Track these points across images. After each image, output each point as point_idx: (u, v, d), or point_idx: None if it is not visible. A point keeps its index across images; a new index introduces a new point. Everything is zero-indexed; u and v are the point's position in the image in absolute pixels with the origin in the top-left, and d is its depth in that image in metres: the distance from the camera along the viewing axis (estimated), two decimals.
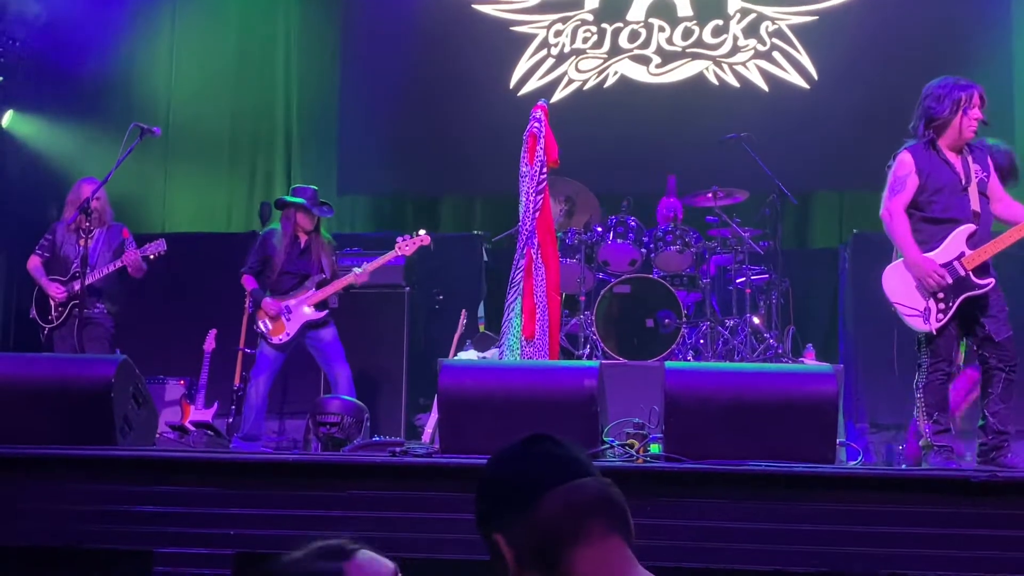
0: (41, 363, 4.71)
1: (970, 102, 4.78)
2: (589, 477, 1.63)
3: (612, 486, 1.64)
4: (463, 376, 4.35)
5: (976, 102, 4.79)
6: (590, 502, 1.60)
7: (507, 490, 1.63)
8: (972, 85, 4.82)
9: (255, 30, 9.38)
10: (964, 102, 4.77)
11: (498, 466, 1.68)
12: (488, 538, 1.63)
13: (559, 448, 1.66)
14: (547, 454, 1.65)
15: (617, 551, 1.60)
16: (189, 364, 7.14)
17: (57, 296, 6.49)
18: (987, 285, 4.73)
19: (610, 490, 1.63)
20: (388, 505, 3.76)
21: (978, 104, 4.80)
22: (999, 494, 3.61)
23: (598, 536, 1.59)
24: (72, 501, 3.89)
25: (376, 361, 7.30)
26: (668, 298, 7.03)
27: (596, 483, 1.63)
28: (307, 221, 6.55)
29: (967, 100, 4.77)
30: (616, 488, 1.64)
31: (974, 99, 4.78)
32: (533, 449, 1.66)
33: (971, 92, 4.79)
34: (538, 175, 5.36)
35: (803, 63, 8.63)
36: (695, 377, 4.33)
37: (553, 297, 5.43)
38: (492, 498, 1.65)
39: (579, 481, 1.61)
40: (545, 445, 1.66)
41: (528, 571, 1.59)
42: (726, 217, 7.33)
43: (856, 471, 4.01)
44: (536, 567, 1.58)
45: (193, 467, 3.96)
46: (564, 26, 8.92)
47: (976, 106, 4.79)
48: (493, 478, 1.67)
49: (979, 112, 4.79)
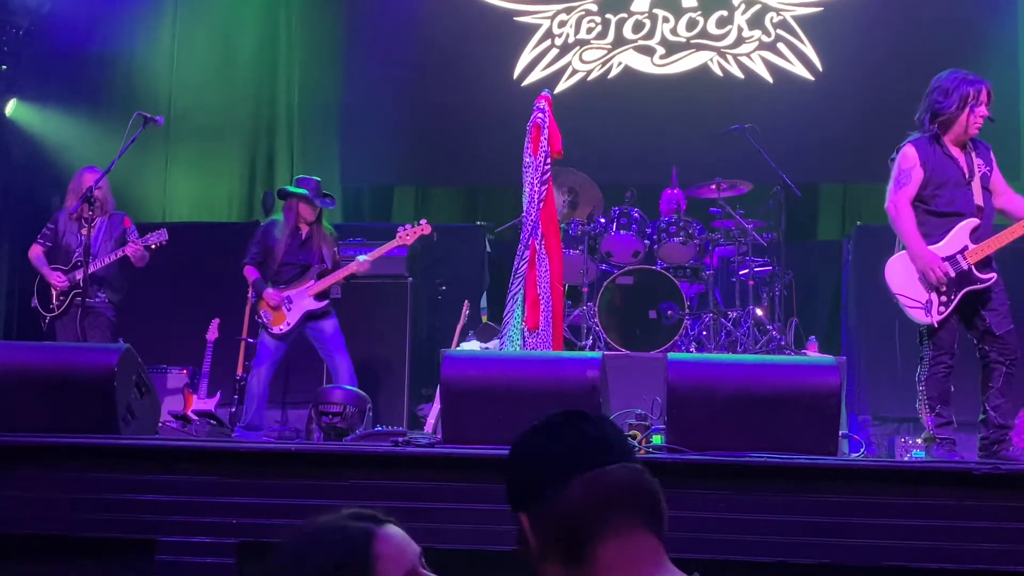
0: (44, 352, 4.71)
1: (977, 99, 4.75)
2: (620, 464, 1.52)
3: (645, 474, 1.54)
4: (466, 367, 4.35)
5: (983, 99, 4.76)
6: (618, 492, 1.51)
7: (534, 470, 1.54)
8: (981, 81, 4.79)
9: (258, 18, 9.35)
10: (971, 98, 4.74)
11: (529, 443, 1.58)
12: (514, 516, 1.56)
13: (593, 428, 1.55)
14: (579, 435, 1.54)
15: (645, 546, 1.50)
16: (192, 353, 7.15)
17: (58, 285, 6.49)
18: (989, 280, 4.73)
19: (642, 478, 1.53)
20: (390, 495, 3.76)
21: (985, 101, 4.77)
22: (1001, 487, 3.60)
23: (624, 529, 1.49)
24: (75, 490, 3.89)
25: (379, 351, 7.30)
26: (671, 289, 7.03)
27: (626, 471, 1.52)
28: (309, 212, 6.55)
29: (974, 96, 4.74)
30: (649, 476, 1.54)
31: (982, 95, 4.76)
32: (566, 428, 1.55)
33: (979, 88, 4.76)
34: (542, 166, 5.35)
35: (808, 55, 8.60)
36: (697, 368, 4.32)
37: (556, 288, 5.42)
38: (519, 476, 1.57)
39: (608, 468, 1.51)
40: (580, 425, 1.56)
41: (551, 557, 1.51)
42: (729, 209, 7.32)
43: (858, 463, 4.01)
44: (559, 556, 1.50)
45: (196, 456, 3.96)
46: (568, 16, 8.89)
47: (983, 103, 4.76)
48: (522, 455, 1.58)
49: (985, 109, 4.77)
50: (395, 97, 8.97)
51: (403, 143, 8.99)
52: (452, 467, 3.79)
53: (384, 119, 8.98)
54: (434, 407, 6.30)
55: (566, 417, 1.58)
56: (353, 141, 9.07)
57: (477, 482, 3.75)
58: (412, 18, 9.00)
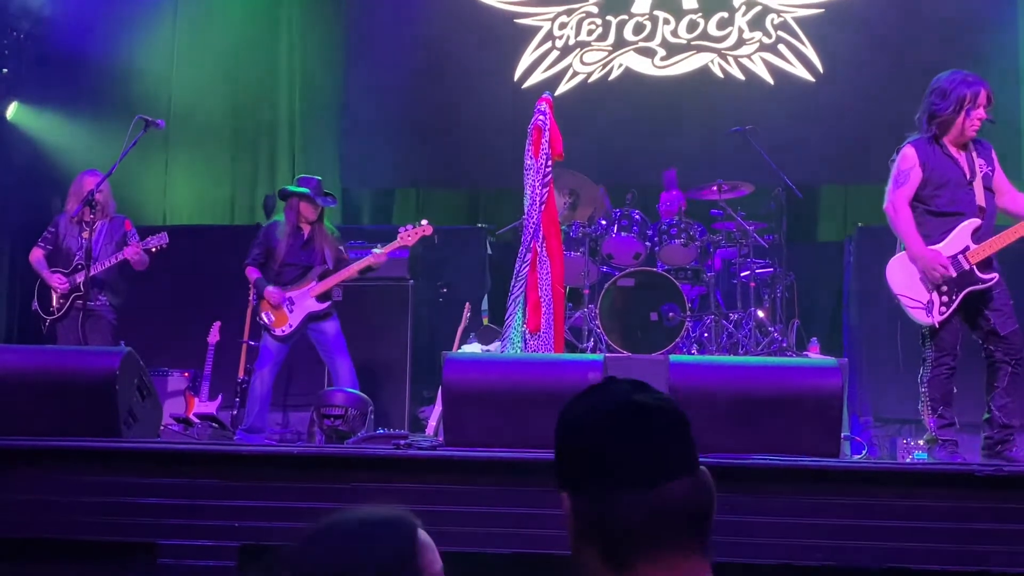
0: (46, 355, 4.71)
1: (975, 101, 4.72)
2: (681, 480, 1.40)
3: (704, 490, 1.42)
4: (467, 370, 4.35)
5: (982, 101, 4.74)
6: (673, 515, 1.39)
7: (588, 463, 1.41)
8: (979, 82, 4.77)
9: (258, 21, 9.34)
10: (968, 101, 4.72)
11: (582, 431, 1.43)
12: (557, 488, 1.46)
13: (658, 435, 1.41)
14: (642, 439, 1.40)
15: (693, 568, 1.41)
16: (193, 356, 7.15)
17: (59, 288, 6.49)
18: (991, 280, 4.73)
19: (699, 498, 1.41)
20: (392, 498, 3.76)
21: (984, 103, 4.74)
22: (1005, 488, 3.60)
23: (674, 552, 1.39)
24: (77, 493, 3.89)
25: (380, 353, 7.30)
26: (672, 291, 7.02)
27: (685, 490, 1.40)
28: (311, 211, 6.54)
29: (971, 99, 4.72)
30: (708, 489, 1.43)
31: (979, 98, 4.73)
32: (626, 428, 1.40)
33: (977, 90, 4.73)
34: (543, 168, 5.35)
35: (808, 56, 8.60)
36: (699, 371, 4.32)
37: (557, 290, 5.42)
38: (570, 461, 1.44)
39: (668, 486, 1.39)
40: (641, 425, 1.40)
41: (587, 550, 1.42)
42: (731, 210, 7.32)
43: (861, 465, 4.01)
44: (598, 557, 1.41)
45: (197, 459, 3.96)
46: (569, 18, 8.89)
47: (981, 105, 4.73)
48: (571, 441, 1.44)
49: (983, 112, 4.74)
50: (396, 99, 8.97)
51: (404, 145, 8.99)
52: (454, 470, 3.79)
53: (385, 121, 8.98)
54: (435, 409, 6.31)
55: (632, 411, 1.41)
56: (354, 143, 9.08)
57: (479, 484, 3.75)
58: (413, 20, 9.00)
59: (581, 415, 1.44)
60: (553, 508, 3.61)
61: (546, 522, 3.63)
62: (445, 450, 4.03)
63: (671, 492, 1.39)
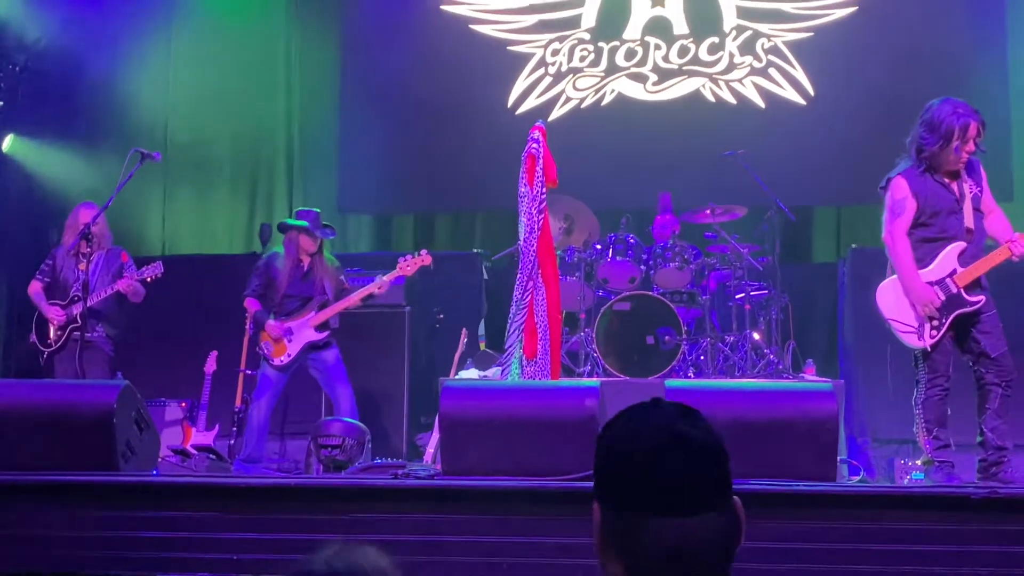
0: (43, 389, 4.73)
1: (963, 136, 4.69)
2: (714, 511, 1.41)
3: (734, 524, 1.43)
4: (464, 398, 4.37)
5: (971, 134, 4.70)
6: (703, 545, 1.40)
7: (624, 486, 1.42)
8: (969, 115, 4.72)
9: (254, 51, 9.41)
10: (956, 137, 4.69)
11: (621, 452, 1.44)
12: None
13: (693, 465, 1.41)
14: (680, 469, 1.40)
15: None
16: (190, 386, 7.14)
17: (56, 320, 6.51)
18: (978, 302, 4.75)
19: (730, 530, 1.42)
20: (391, 528, 3.77)
21: (973, 135, 4.71)
22: (1000, 510, 3.62)
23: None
24: (75, 527, 3.89)
25: (377, 380, 7.31)
26: (668, 315, 7.05)
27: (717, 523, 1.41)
28: (310, 244, 6.56)
29: (960, 134, 4.69)
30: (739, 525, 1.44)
31: (969, 131, 4.70)
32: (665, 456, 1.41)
33: (966, 123, 4.69)
34: (539, 196, 5.38)
35: (799, 79, 8.67)
36: (695, 396, 4.34)
37: (554, 316, 5.44)
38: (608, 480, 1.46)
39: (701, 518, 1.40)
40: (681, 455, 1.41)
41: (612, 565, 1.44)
42: (724, 233, 7.36)
43: (857, 489, 4.02)
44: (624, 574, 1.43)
45: (195, 492, 3.97)
46: (561, 45, 8.96)
47: (971, 139, 4.71)
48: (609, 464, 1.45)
49: (972, 145, 4.72)
50: (392, 126, 9.02)
51: (400, 172, 9.03)
52: (452, 499, 3.80)
53: (381, 148, 9.02)
54: (433, 436, 6.30)
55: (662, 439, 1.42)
56: (350, 170, 9.12)
57: (477, 514, 3.76)
58: (408, 48, 9.06)
59: (625, 437, 1.46)
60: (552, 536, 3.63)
61: (545, 551, 3.64)
62: (442, 479, 4.04)
63: (703, 523, 1.40)
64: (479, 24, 9.07)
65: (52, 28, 8.61)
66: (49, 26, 8.60)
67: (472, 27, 9.06)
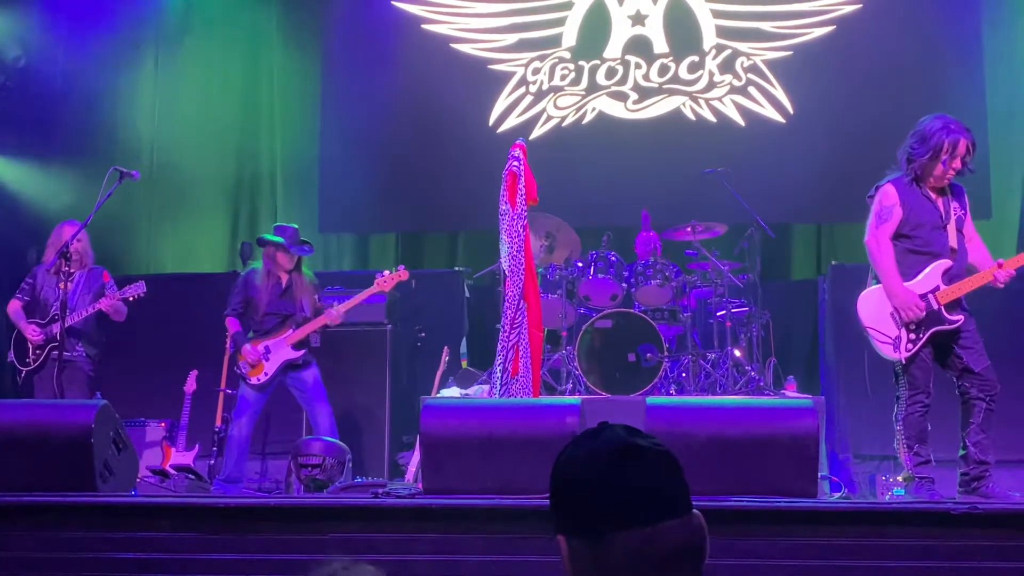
0: (20, 409, 4.68)
1: (953, 151, 4.74)
2: (674, 520, 1.42)
3: (696, 532, 1.44)
4: (445, 416, 4.36)
5: (960, 151, 4.75)
6: (668, 554, 1.40)
7: (583, 506, 1.43)
8: (961, 132, 4.77)
9: (237, 71, 9.41)
10: (945, 151, 4.74)
11: (578, 474, 1.45)
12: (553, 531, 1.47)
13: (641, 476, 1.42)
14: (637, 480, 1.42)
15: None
16: (170, 405, 7.09)
17: (34, 339, 6.46)
18: (956, 322, 4.79)
19: (693, 538, 1.43)
20: (371, 548, 3.75)
21: (963, 153, 4.75)
22: (980, 526, 3.63)
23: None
24: (53, 549, 3.85)
25: (359, 399, 7.28)
26: (649, 332, 7.06)
27: (679, 531, 1.42)
28: (287, 260, 6.54)
29: (949, 149, 4.74)
30: (701, 533, 1.45)
31: (958, 148, 4.74)
32: (622, 470, 1.42)
33: (956, 139, 4.74)
34: (521, 214, 5.39)
35: (778, 97, 8.74)
36: (676, 413, 4.35)
37: (535, 334, 5.44)
38: (566, 506, 1.46)
39: (662, 527, 1.40)
40: (636, 467, 1.42)
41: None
42: (705, 251, 7.39)
43: (837, 505, 4.03)
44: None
45: (174, 512, 3.94)
46: (542, 64, 9.01)
47: (960, 156, 4.75)
48: (569, 489, 1.46)
49: (960, 163, 4.77)
50: (373, 145, 9.03)
51: (382, 190, 9.03)
52: (433, 518, 3.78)
53: (362, 167, 9.02)
54: (415, 455, 6.28)
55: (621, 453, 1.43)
56: (331, 188, 9.11)
57: (459, 532, 3.75)
58: (389, 68, 9.09)
59: (577, 459, 1.47)
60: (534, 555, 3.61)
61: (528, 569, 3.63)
62: (423, 498, 4.03)
63: (665, 532, 1.40)
64: (460, 43, 9.10)
65: (34, 46, 8.58)
66: (31, 44, 8.57)
67: (453, 46, 9.09)
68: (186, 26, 9.38)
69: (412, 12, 9.14)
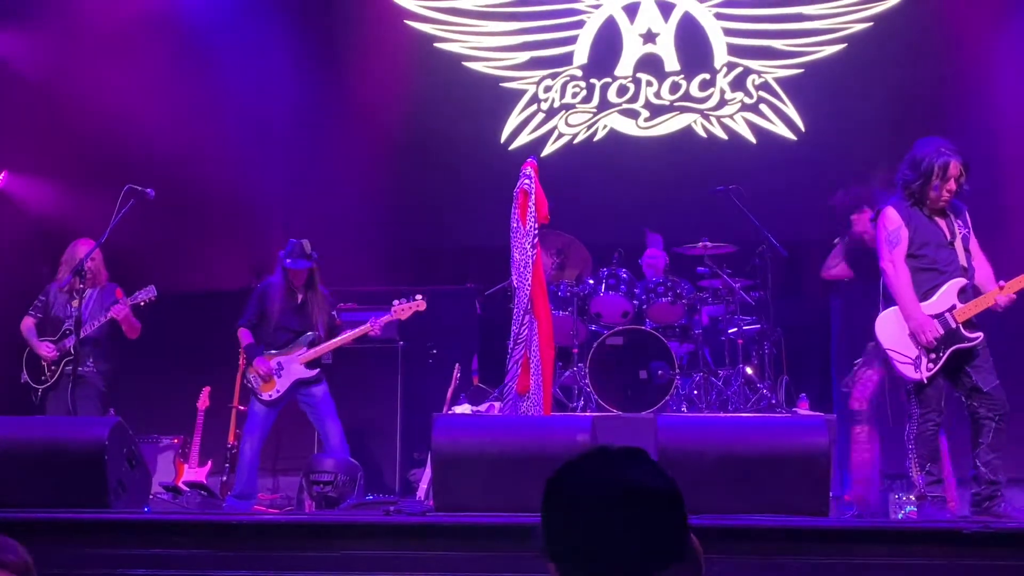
0: (34, 426, 4.72)
1: (944, 175, 4.76)
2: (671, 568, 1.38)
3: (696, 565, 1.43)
4: (456, 433, 4.37)
5: (952, 173, 4.77)
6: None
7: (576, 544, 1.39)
8: (951, 154, 4.78)
9: (250, 88, 9.46)
10: (936, 175, 4.76)
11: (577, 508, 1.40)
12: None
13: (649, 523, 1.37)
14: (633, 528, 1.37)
15: None
16: (183, 422, 7.12)
17: (47, 356, 6.47)
18: (976, 339, 4.79)
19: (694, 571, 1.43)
20: (383, 565, 3.75)
21: (955, 174, 4.77)
22: (992, 545, 3.62)
23: None
24: (66, 565, 3.86)
25: (370, 416, 7.30)
26: (661, 349, 7.06)
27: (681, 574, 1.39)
28: (295, 275, 6.55)
29: (940, 172, 4.76)
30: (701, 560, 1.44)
31: (949, 170, 4.76)
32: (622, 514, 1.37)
33: (946, 162, 4.76)
34: (532, 231, 5.41)
35: (789, 115, 8.75)
36: (687, 430, 4.35)
37: (546, 351, 5.45)
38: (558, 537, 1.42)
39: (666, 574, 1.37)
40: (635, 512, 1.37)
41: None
42: (717, 268, 7.38)
43: (848, 523, 4.02)
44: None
45: (187, 529, 3.96)
46: (553, 82, 9.05)
47: (952, 177, 4.77)
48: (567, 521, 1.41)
49: (953, 184, 4.79)
50: (386, 162, 9.06)
51: (395, 207, 9.05)
52: (444, 535, 3.79)
53: (375, 184, 9.04)
54: (426, 472, 6.28)
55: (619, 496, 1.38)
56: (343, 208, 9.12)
57: (469, 550, 3.75)
58: (403, 85, 9.13)
59: (571, 491, 1.41)
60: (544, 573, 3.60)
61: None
62: (434, 516, 4.03)
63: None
64: (472, 61, 9.16)
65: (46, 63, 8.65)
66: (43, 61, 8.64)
67: (465, 64, 9.15)
68: (201, 43, 9.43)
69: (424, 31, 9.21)
